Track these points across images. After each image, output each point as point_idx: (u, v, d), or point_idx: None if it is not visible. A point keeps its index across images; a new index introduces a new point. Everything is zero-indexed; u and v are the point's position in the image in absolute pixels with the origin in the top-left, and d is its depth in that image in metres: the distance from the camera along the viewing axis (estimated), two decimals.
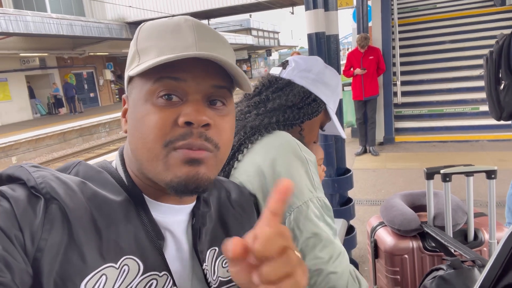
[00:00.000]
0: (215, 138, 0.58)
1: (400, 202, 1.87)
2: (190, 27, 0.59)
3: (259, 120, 0.98)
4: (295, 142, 0.92)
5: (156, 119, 0.56)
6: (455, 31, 7.85)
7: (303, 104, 1.03)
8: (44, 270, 0.48)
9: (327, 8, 2.61)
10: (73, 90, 17.21)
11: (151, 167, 0.57)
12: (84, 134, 12.79)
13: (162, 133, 0.55)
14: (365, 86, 5.73)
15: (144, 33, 0.60)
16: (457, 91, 6.95)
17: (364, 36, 5.71)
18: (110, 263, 0.53)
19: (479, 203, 3.57)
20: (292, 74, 1.06)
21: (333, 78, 1.09)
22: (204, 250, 0.65)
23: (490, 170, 1.56)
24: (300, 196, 0.85)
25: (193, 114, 0.55)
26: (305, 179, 0.87)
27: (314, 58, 1.11)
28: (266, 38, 37.98)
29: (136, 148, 0.59)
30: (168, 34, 0.58)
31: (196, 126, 0.55)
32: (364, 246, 3.21)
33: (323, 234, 0.84)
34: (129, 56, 0.62)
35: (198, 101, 0.57)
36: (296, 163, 0.88)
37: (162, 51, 0.56)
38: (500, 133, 5.94)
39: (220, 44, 0.61)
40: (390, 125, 6.51)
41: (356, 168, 5.34)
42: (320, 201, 0.88)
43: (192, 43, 0.57)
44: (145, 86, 0.57)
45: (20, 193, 0.52)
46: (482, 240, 1.70)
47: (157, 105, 0.56)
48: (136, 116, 0.58)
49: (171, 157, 0.56)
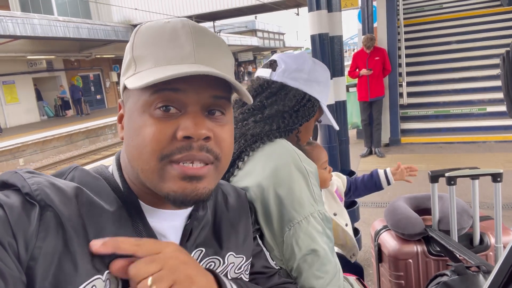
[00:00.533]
0: (216, 150, 0.57)
1: (405, 206, 1.84)
2: (188, 33, 0.57)
3: (259, 128, 0.97)
4: (295, 152, 0.91)
5: (153, 132, 0.54)
6: (462, 31, 7.76)
7: (299, 106, 1.02)
8: (38, 278, 0.47)
9: (331, 9, 2.59)
10: (80, 92, 17.35)
11: (147, 178, 0.57)
12: (91, 136, 12.87)
13: (159, 147, 0.54)
14: (371, 87, 5.69)
15: (139, 39, 0.59)
16: (464, 92, 6.87)
17: (370, 37, 5.67)
18: (98, 274, 0.52)
19: (486, 205, 3.52)
20: (283, 76, 1.04)
21: (324, 73, 1.08)
22: (190, 250, 0.64)
23: (495, 173, 1.53)
24: (301, 211, 0.84)
25: (193, 128, 0.54)
26: (305, 192, 0.86)
27: (301, 55, 1.08)
28: (271, 40, 37.96)
29: (133, 158, 0.58)
30: (164, 41, 0.56)
31: (196, 140, 0.54)
32: (369, 249, 3.18)
33: (321, 251, 0.83)
34: (125, 61, 0.61)
35: (197, 112, 0.56)
36: (297, 175, 0.86)
37: (158, 62, 0.55)
38: (508, 134, 5.87)
39: (218, 51, 0.60)
40: (396, 126, 6.45)
41: (361, 169, 5.29)
42: (321, 215, 0.87)
43: (190, 52, 0.56)
44: (142, 97, 0.56)
45: (15, 199, 0.51)
46: (488, 245, 1.66)
47: (155, 116, 0.55)
48: (133, 126, 0.57)
49: (166, 171, 0.55)
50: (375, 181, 1.67)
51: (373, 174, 1.69)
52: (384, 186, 1.67)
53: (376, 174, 1.68)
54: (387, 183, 1.66)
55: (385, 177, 1.66)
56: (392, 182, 1.66)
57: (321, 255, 0.83)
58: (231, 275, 0.70)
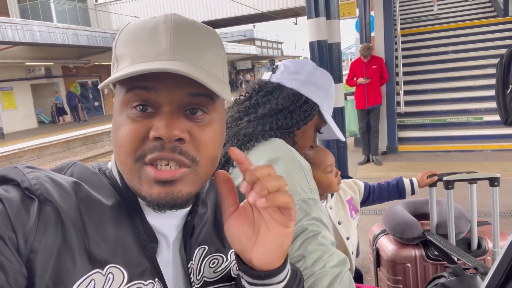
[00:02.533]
0: (192, 153, 0.54)
1: (403, 210, 1.85)
2: (168, 28, 0.54)
3: (252, 128, 0.96)
4: (289, 149, 0.91)
5: (127, 132, 0.53)
6: (458, 41, 7.86)
7: (294, 107, 1.00)
8: (37, 271, 0.48)
9: (329, 16, 2.63)
10: (76, 99, 17.30)
11: (128, 180, 0.56)
12: (88, 143, 12.84)
13: (132, 147, 0.53)
14: (368, 95, 5.74)
15: (122, 37, 0.58)
16: (461, 101, 6.93)
17: (367, 46, 5.73)
18: (97, 269, 0.52)
19: (483, 213, 3.54)
20: (281, 77, 1.04)
21: (325, 78, 1.06)
22: (193, 247, 0.64)
23: (493, 178, 1.55)
24: (298, 194, 0.83)
25: (163, 128, 0.51)
26: (300, 179, 0.85)
27: (304, 61, 1.09)
28: (269, 48, 38.23)
29: (115, 158, 0.57)
30: (143, 38, 0.54)
31: (167, 141, 0.52)
32: (367, 256, 3.17)
33: (315, 228, 0.80)
34: (112, 61, 0.60)
35: (172, 112, 0.53)
36: (291, 165, 0.86)
37: (134, 59, 0.53)
38: (504, 143, 5.91)
39: (201, 45, 0.56)
40: (393, 135, 6.48)
41: (359, 177, 5.29)
42: (315, 202, 0.86)
43: (166, 49, 0.53)
44: (120, 95, 0.56)
45: (14, 194, 0.51)
46: (486, 249, 1.67)
47: (130, 116, 0.54)
48: (113, 125, 0.57)
49: (143, 173, 0.54)
50: (400, 191, 1.65)
51: (399, 184, 1.66)
52: (408, 196, 1.66)
53: (402, 185, 1.65)
54: (411, 193, 1.65)
55: (410, 187, 1.65)
56: (417, 192, 1.65)
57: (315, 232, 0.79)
58: (234, 272, 0.70)
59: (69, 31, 13.98)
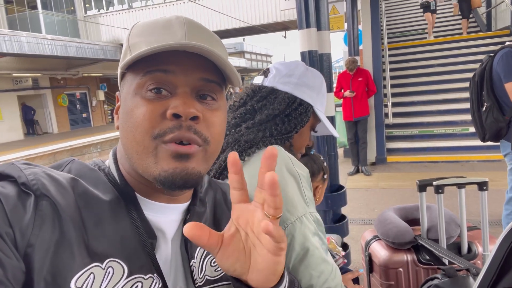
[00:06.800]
0: (204, 132, 0.58)
1: (394, 216, 1.87)
2: (181, 23, 0.58)
3: (253, 134, 0.97)
4: (288, 157, 0.92)
5: (144, 111, 0.56)
6: (443, 55, 8.06)
7: (290, 110, 1.02)
8: (35, 266, 0.48)
9: (320, 27, 2.68)
10: (32, 112, 17.00)
11: (141, 161, 0.57)
12: (75, 154, 12.67)
13: (150, 125, 0.55)
14: (355, 107, 5.84)
15: (135, 30, 0.61)
16: (447, 113, 7.08)
17: (352, 59, 5.87)
18: (97, 262, 0.52)
19: (471, 221, 3.58)
20: (274, 81, 1.05)
21: (316, 78, 1.08)
22: (194, 246, 0.64)
23: (482, 182, 1.58)
24: (294, 212, 0.84)
25: (181, 107, 0.55)
26: (297, 194, 0.87)
27: (295, 62, 1.10)
28: (259, 61, 38.55)
29: (127, 141, 0.58)
30: (158, 29, 0.58)
31: (184, 119, 0.55)
32: (359, 265, 3.18)
33: (315, 251, 0.83)
34: (122, 53, 0.63)
35: (186, 93, 0.57)
36: (289, 178, 0.87)
37: (151, 44, 0.56)
38: (490, 153, 6.02)
39: (210, 40, 0.61)
40: (382, 146, 6.57)
41: (349, 187, 5.33)
42: (312, 216, 0.87)
43: (182, 37, 0.57)
44: (135, 80, 0.58)
45: (10, 190, 0.51)
46: (476, 253, 1.70)
47: (146, 98, 0.56)
48: (126, 109, 0.59)
49: (160, 150, 0.56)
50: None
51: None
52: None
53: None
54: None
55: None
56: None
57: (315, 255, 0.82)
58: None
59: (58, 42, 13.91)
